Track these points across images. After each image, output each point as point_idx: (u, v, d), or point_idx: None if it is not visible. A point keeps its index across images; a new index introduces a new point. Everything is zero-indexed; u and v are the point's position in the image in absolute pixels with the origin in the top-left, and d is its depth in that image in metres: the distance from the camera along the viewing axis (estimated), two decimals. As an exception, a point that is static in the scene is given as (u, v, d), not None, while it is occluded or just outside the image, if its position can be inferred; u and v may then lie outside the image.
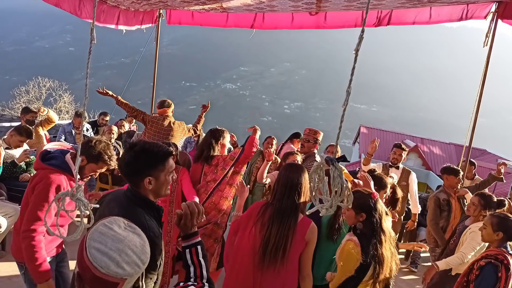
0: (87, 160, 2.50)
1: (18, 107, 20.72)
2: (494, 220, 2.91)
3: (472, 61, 60.34)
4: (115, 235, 1.17)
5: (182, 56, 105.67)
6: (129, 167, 1.78)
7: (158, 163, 1.79)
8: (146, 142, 1.83)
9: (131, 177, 1.79)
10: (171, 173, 1.87)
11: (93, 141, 2.53)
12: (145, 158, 1.76)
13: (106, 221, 1.22)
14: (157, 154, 1.79)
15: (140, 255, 1.17)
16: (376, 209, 2.49)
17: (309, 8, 5.21)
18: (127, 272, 1.12)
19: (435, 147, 30.44)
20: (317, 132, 4.60)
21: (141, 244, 1.21)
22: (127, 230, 1.22)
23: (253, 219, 2.46)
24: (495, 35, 4.54)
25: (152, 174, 1.77)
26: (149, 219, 1.74)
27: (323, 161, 1.27)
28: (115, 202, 1.82)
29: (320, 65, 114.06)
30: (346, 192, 1.24)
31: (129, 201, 1.78)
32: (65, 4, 4.44)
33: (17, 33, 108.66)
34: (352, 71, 1.12)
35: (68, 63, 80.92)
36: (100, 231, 1.17)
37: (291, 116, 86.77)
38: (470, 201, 3.73)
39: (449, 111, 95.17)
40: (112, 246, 1.14)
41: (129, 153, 1.78)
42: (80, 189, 1.22)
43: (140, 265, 1.16)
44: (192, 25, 6.51)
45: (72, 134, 6.66)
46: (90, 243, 1.15)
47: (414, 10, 5.01)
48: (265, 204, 2.51)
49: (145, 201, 1.79)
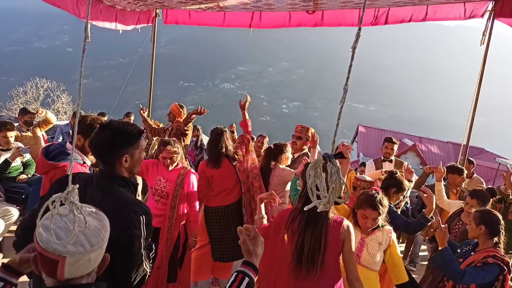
0: (83, 138, 2.50)
1: (16, 108, 20.66)
2: (476, 214, 2.96)
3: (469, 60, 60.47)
4: (69, 216, 1.15)
5: (180, 56, 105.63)
6: (106, 146, 1.77)
7: (134, 141, 1.82)
8: (118, 122, 1.85)
9: (107, 156, 1.80)
10: (143, 151, 1.92)
11: (81, 117, 2.50)
12: (121, 137, 1.78)
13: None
14: (132, 132, 1.82)
15: (89, 237, 1.14)
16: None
17: (306, 6, 5.21)
18: (66, 249, 1.09)
19: (433, 146, 30.54)
20: (309, 129, 4.50)
21: (96, 227, 1.17)
22: (89, 215, 1.20)
23: (284, 226, 2.33)
24: (492, 33, 4.55)
25: (129, 152, 1.81)
26: (132, 197, 1.80)
27: (321, 157, 1.28)
28: (96, 188, 1.79)
29: (318, 64, 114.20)
30: (343, 188, 1.24)
31: (109, 183, 1.78)
32: (64, 4, 4.43)
33: (15, 33, 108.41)
34: (349, 69, 1.12)
35: (66, 64, 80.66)
36: (58, 212, 1.17)
37: (289, 116, 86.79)
38: (469, 204, 3.68)
39: (446, 110, 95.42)
40: (59, 224, 1.13)
41: (104, 133, 1.77)
42: (73, 192, 1.20)
43: (86, 247, 1.12)
44: (189, 24, 6.51)
45: (70, 135, 6.64)
46: (41, 221, 1.15)
47: (411, 8, 5.02)
48: (294, 210, 2.37)
49: (124, 180, 1.82)
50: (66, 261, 1.09)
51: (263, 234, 2.37)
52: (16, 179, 4.69)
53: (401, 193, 3.44)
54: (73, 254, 1.10)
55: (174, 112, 5.27)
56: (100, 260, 1.20)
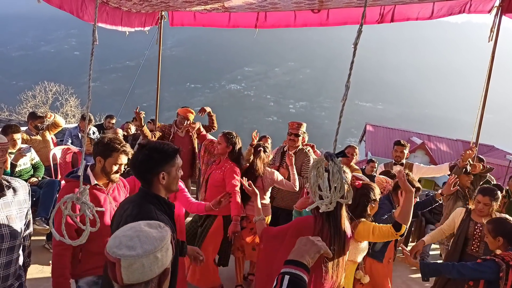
0: (103, 158, 2.47)
1: (25, 111, 20.90)
2: (489, 227, 2.92)
3: (477, 57, 59.89)
4: (134, 225, 1.29)
5: (186, 57, 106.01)
6: (143, 165, 1.92)
7: (170, 159, 1.96)
8: (154, 142, 1.99)
9: (145, 174, 1.94)
10: (180, 169, 2.04)
11: (98, 139, 2.55)
12: (158, 155, 1.92)
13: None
14: (168, 151, 1.95)
15: (143, 244, 1.22)
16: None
17: (311, 5, 5.19)
18: (121, 252, 1.18)
19: (442, 144, 30.26)
20: (302, 124, 4.66)
21: (153, 237, 1.26)
22: (151, 226, 1.31)
23: (306, 234, 2.21)
24: (500, 29, 4.50)
25: (165, 169, 1.94)
26: (160, 214, 1.87)
27: (323, 156, 1.27)
28: (130, 203, 1.93)
29: (324, 64, 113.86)
30: (345, 187, 1.23)
31: (141, 200, 1.92)
32: (68, 6, 4.44)
33: (23, 38, 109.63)
34: (351, 65, 1.12)
35: (73, 67, 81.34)
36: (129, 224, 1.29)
37: (296, 116, 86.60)
38: (481, 203, 3.51)
39: (455, 107, 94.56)
40: (124, 232, 1.26)
41: (141, 152, 1.93)
42: (85, 193, 1.23)
43: (138, 251, 1.20)
44: (195, 26, 6.53)
45: (78, 138, 6.70)
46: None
47: (417, 6, 4.99)
48: (317, 221, 2.17)
49: (156, 198, 1.94)
50: (122, 263, 1.19)
51: (276, 236, 2.38)
52: (27, 182, 4.72)
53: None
54: (126, 258, 1.18)
55: (186, 116, 5.35)
56: (156, 270, 1.25)
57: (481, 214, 3.54)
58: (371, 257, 3.40)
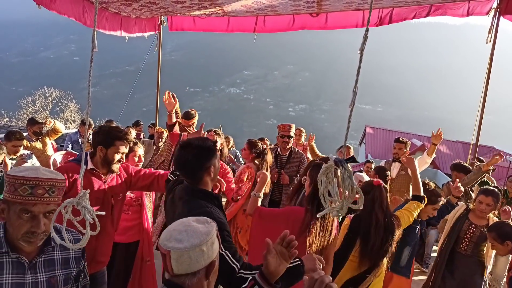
0: (104, 148, 2.38)
1: (25, 117, 20.92)
2: (493, 234, 2.93)
3: (476, 58, 59.95)
4: (184, 220, 1.41)
5: (185, 62, 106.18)
6: (194, 164, 1.95)
7: (214, 152, 2.02)
8: (196, 139, 2.01)
9: (197, 172, 1.97)
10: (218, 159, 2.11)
11: (98, 127, 2.47)
12: (206, 152, 1.97)
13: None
14: (211, 146, 2.01)
15: (190, 237, 1.33)
16: (373, 196, 2.67)
17: (310, 8, 5.21)
18: (171, 245, 1.30)
19: (442, 145, 30.23)
20: (292, 126, 4.74)
21: (200, 232, 1.36)
22: (199, 222, 1.41)
23: (298, 227, 2.35)
24: (499, 31, 4.52)
25: (213, 162, 2.00)
26: (211, 206, 1.91)
27: (332, 162, 1.26)
28: (180, 200, 1.98)
29: (323, 67, 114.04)
30: (356, 193, 1.23)
31: (190, 197, 1.95)
32: (70, 12, 4.47)
33: (22, 44, 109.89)
34: (357, 71, 1.12)
35: (73, 73, 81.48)
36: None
37: (296, 119, 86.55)
38: (483, 204, 3.44)
39: (455, 109, 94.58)
40: (174, 227, 1.38)
41: (188, 151, 1.94)
42: (85, 197, 1.22)
43: (186, 245, 1.31)
44: (194, 30, 6.55)
45: (78, 143, 6.70)
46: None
47: (415, 8, 5.01)
48: (307, 213, 2.40)
49: (204, 193, 1.97)
50: (171, 255, 1.30)
51: (267, 217, 2.54)
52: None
53: (431, 205, 3.40)
54: (175, 250, 1.30)
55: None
56: (203, 262, 1.35)
57: (481, 215, 3.48)
58: (398, 273, 3.33)
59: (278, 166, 4.69)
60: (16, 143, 4.55)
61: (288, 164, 4.66)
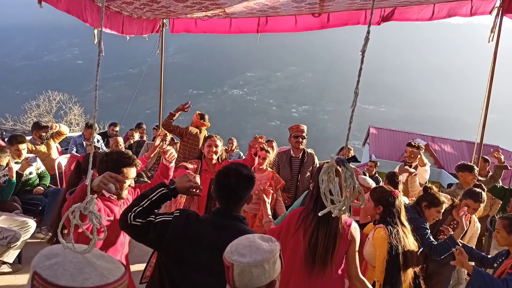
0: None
1: (29, 121, 21.05)
2: (505, 222, 2.91)
3: (479, 57, 59.68)
4: (249, 236, 1.47)
5: (188, 64, 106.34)
6: (242, 192, 1.97)
7: (254, 180, 2.05)
8: (237, 166, 2.01)
9: (243, 200, 2.00)
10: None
11: (105, 155, 2.46)
12: (250, 181, 2.01)
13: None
14: (252, 175, 2.04)
15: (253, 254, 1.36)
16: (394, 205, 2.70)
17: (312, 8, 5.21)
18: (234, 258, 1.35)
19: (446, 145, 30.11)
20: (299, 126, 4.72)
21: (263, 249, 1.39)
22: (264, 239, 1.46)
23: (294, 226, 2.42)
24: (502, 30, 4.50)
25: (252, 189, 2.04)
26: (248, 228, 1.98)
27: (334, 162, 1.27)
28: (220, 229, 1.91)
29: (326, 67, 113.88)
30: (357, 192, 1.23)
31: (228, 222, 1.95)
32: (72, 9, 4.40)
33: (26, 48, 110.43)
34: (359, 72, 1.12)
35: (76, 76, 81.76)
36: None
37: (299, 120, 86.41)
38: (470, 208, 3.50)
39: (458, 108, 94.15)
40: (240, 241, 1.44)
41: (234, 181, 1.94)
42: (92, 202, 1.23)
43: (249, 260, 1.34)
44: (196, 32, 6.56)
45: (83, 146, 6.73)
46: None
47: (417, 8, 4.99)
48: (304, 210, 2.46)
49: (238, 218, 1.99)
50: (234, 268, 1.34)
51: (274, 236, 2.44)
52: (33, 191, 4.74)
53: (434, 208, 3.35)
54: (238, 264, 1.34)
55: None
56: (263, 280, 1.36)
57: (459, 212, 3.48)
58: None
59: (293, 169, 4.63)
60: (18, 147, 4.58)
61: (302, 166, 4.60)
